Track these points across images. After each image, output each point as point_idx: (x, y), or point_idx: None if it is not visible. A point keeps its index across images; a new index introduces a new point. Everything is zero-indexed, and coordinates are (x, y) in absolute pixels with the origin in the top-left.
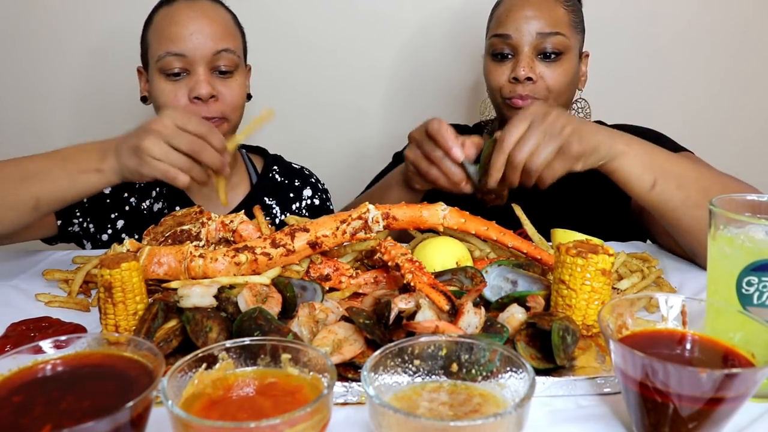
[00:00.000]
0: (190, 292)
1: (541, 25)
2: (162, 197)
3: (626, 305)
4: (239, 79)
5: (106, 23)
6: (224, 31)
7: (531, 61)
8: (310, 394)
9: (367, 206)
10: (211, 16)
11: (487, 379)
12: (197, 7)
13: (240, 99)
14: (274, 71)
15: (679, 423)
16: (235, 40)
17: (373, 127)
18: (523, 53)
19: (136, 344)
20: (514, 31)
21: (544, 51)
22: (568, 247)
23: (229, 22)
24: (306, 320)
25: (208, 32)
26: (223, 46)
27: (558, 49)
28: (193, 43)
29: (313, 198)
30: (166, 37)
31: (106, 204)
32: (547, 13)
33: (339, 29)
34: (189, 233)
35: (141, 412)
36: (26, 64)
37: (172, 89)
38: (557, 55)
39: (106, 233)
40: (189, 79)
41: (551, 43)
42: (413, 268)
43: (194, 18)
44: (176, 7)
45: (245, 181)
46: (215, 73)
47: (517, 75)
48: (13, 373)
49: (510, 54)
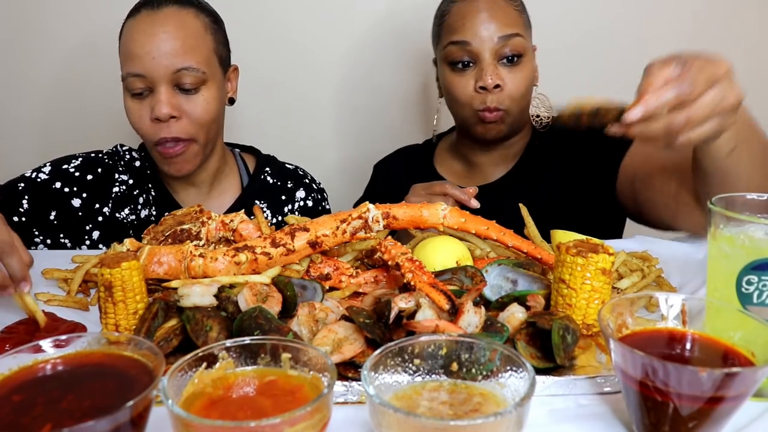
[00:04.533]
0: (190, 291)
1: (499, 27)
2: (149, 204)
3: (626, 304)
4: (206, 93)
5: (96, 20)
6: (184, 47)
7: (495, 68)
8: (310, 393)
9: (368, 206)
10: (170, 30)
11: (487, 379)
12: (158, 19)
13: (207, 115)
14: (268, 71)
15: (679, 422)
16: (199, 53)
17: (368, 126)
18: (485, 60)
19: (137, 343)
20: (473, 37)
21: (505, 55)
22: (568, 247)
23: (193, 33)
24: (306, 319)
25: (167, 50)
26: (183, 64)
27: (518, 52)
28: (150, 63)
29: (307, 199)
30: (128, 56)
31: (78, 217)
32: (502, 15)
33: (333, 29)
34: (189, 232)
35: (141, 411)
36: (12, 61)
37: (137, 108)
38: (518, 58)
39: (84, 244)
40: (152, 98)
41: (511, 46)
42: (413, 268)
43: (152, 35)
44: (138, 20)
45: (236, 182)
46: (178, 90)
47: (484, 84)
48: (14, 372)
49: (470, 62)
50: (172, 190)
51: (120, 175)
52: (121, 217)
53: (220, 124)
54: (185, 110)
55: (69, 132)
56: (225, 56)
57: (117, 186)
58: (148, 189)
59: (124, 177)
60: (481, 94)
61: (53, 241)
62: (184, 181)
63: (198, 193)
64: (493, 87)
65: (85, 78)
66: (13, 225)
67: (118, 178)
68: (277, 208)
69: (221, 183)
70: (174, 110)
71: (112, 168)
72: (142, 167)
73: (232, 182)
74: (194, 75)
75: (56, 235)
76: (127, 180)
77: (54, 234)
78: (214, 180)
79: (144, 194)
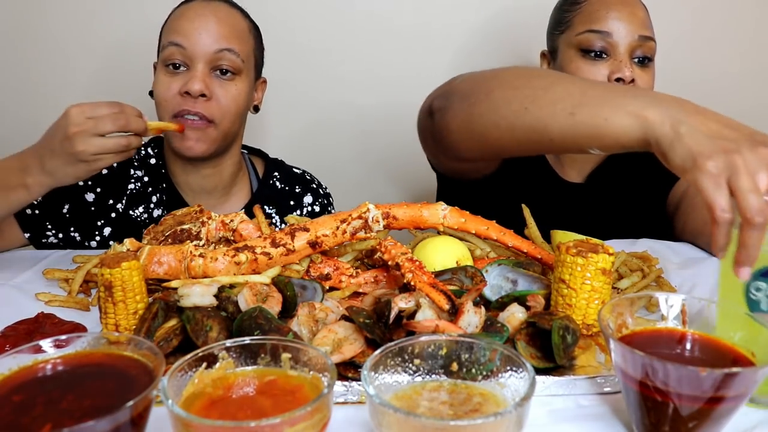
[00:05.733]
0: (190, 291)
1: (640, 27)
2: (161, 204)
3: (626, 304)
4: (240, 84)
5: (116, 25)
6: (231, 32)
7: (631, 64)
8: (310, 393)
9: (368, 205)
10: (221, 16)
11: (487, 379)
12: (211, 6)
13: (234, 105)
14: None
15: (679, 422)
16: (243, 44)
17: (375, 128)
18: (621, 53)
19: (137, 343)
20: (615, 29)
21: (639, 55)
22: (568, 246)
23: (240, 26)
24: (306, 319)
25: (213, 30)
26: (225, 45)
27: (650, 55)
28: (195, 38)
29: (314, 205)
30: (173, 29)
31: (90, 212)
32: (642, 17)
33: (341, 30)
34: (189, 232)
35: (141, 411)
36: (33, 65)
37: (168, 81)
38: (649, 61)
39: (95, 240)
40: (186, 74)
41: (646, 47)
42: (413, 268)
43: (203, 15)
44: (191, 6)
45: (246, 187)
46: (215, 73)
47: (622, 75)
48: (14, 372)
49: (604, 53)
50: (184, 194)
51: (135, 171)
52: (135, 215)
53: (243, 123)
54: (216, 93)
55: None
56: (260, 64)
57: (132, 183)
58: (162, 189)
59: (140, 173)
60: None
61: (64, 236)
62: (197, 185)
63: (210, 198)
64: (629, 81)
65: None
66: (26, 217)
67: (133, 174)
68: (286, 213)
69: (235, 190)
70: (206, 89)
71: (127, 164)
72: (156, 164)
73: (244, 188)
74: (234, 60)
75: (67, 229)
76: (142, 177)
77: (65, 228)
78: (229, 186)
79: (158, 193)
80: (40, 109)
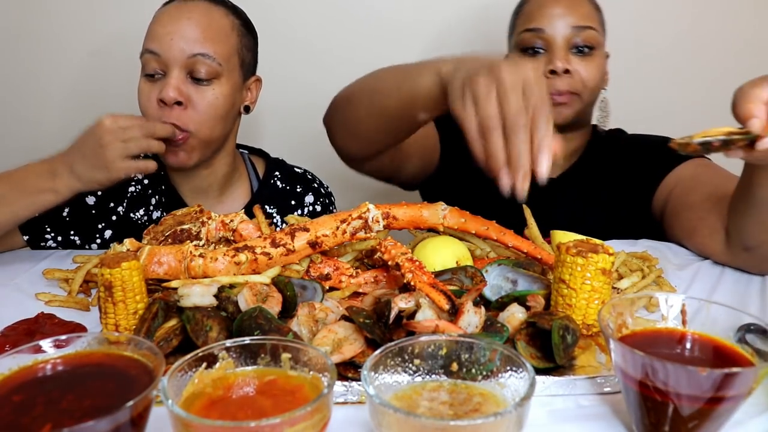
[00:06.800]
0: (190, 291)
1: (574, 18)
2: (161, 205)
3: (626, 304)
4: (218, 88)
5: (107, 24)
6: (205, 35)
7: (566, 54)
8: (310, 393)
9: (368, 206)
10: (195, 17)
11: (487, 379)
12: (186, 7)
13: (212, 110)
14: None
15: (679, 422)
16: (221, 45)
17: None
18: (557, 46)
19: (136, 343)
20: (547, 24)
21: (577, 45)
22: (568, 247)
23: (217, 26)
24: (306, 319)
25: (186, 34)
26: (199, 50)
27: (590, 44)
28: (168, 44)
29: (315, 204)
30: (149, 35)
31: (91, 215)
32: (578, 8)
33: (342, 30)
34: (189, 232)
35: (141, 411)
36: (26, 64)
37: (147, 89)
38: (590, 50)
39: (95, 242)
40: (162, 81)
41: (584, 36)
42: (413, 268)
43: (176, 19)
44: (166, 9)
45: (246, 188)
46: (191, 78)
47: (554, 67)
48: (14, 372)
49: (542, 49)
50: (182, 195)
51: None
52: (135, 217)
53: (229, 126)
54: (193, 100)
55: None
56: (249, 62)
57: (133, 185)
58: (162, 191)
59: (140, 176)
60: (550, 79)
61: (63, 239)
62: (192, 186)
63: (207, 198)
64: (562, 72)
65: (102, 84)
66: (26, 221)
67: (134, 176)
68: (287, 213)
69: (231, 189)
70: (181, 96)
71: None
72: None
73: (243, 188)
74: (209, 64)
75: (66, 233)
76: (143, 179)
77: (64, 231)
78: (224, 186)
79: (157, 195)
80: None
